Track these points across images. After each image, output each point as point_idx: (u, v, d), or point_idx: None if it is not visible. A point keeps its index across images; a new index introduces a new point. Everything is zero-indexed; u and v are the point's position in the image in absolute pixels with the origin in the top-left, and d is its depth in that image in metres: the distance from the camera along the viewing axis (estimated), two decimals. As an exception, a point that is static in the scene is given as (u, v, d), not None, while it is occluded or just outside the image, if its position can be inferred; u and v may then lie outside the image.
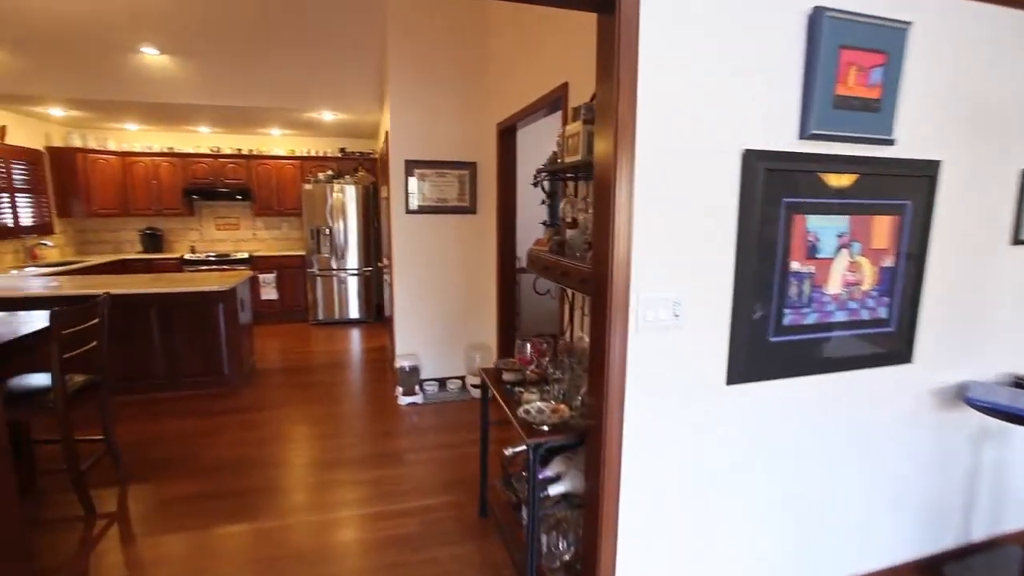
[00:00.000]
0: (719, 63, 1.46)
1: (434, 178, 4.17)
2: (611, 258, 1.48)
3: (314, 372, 4.86)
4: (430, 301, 4.33)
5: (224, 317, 4.20)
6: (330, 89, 4.91)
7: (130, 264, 6.20)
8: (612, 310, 1.50)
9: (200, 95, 4.73)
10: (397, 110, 4.02)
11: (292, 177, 6.81)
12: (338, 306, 6.74)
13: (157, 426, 3.62)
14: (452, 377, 4.45)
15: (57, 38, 3.95)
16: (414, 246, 4.22)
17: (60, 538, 2.43)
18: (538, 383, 2.16)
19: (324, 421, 3.76)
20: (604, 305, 1.52)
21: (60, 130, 6.01)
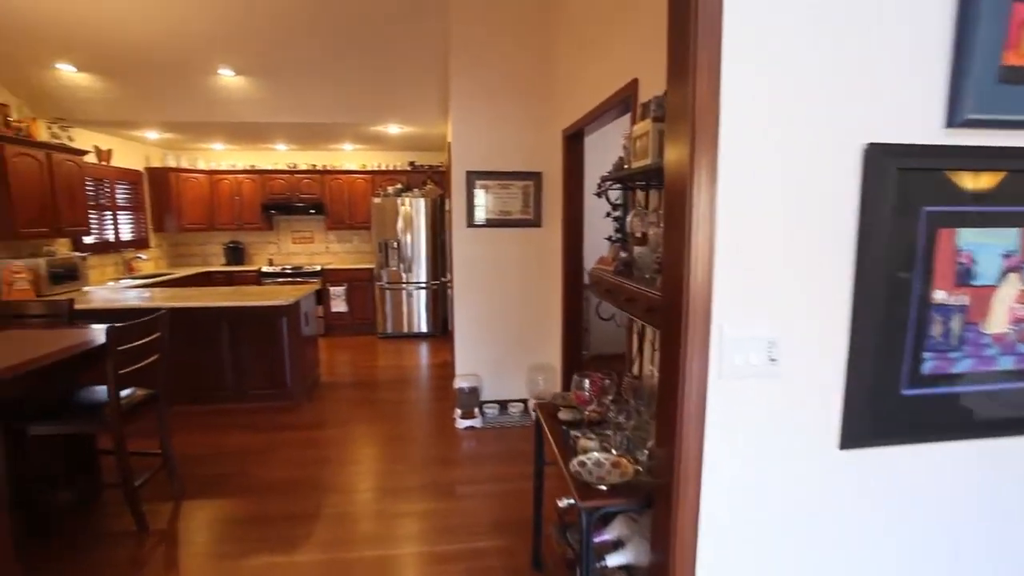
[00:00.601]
0: (828, 30, 1.11)
1: (497, 190, 3.97)
2: (686, 285, 1.17)
3: (376, 388, 4.79)
4: (492, 319, 4.12)
5: (287, 331, 4.22)
6: (395, 102, 4.88)
7: (213, 276, 6.52)
8: (687, 351, 1.18)
9: (274, 113, 4.86)
10: (459, 119, 3.87)
11: (363, 191, 6.91)
12: (406, 320, 6.72)
13: (218, 439, 3.65)
14: (514, 400, 4.20)
15: (146, 66, 4.18)
16: (476, 261, 4.03)
17: (111, 554, 2.42)
18: (599, 424, 1.86)
19: (379, 443, 3.63)
20: (676, 344, 1.20)
21: (157, 151, 6.47)
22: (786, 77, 1.12)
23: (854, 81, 1.14)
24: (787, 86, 1.12)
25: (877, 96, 1.15)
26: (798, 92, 1.13)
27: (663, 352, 1.28)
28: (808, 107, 1.13)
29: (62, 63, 4.08)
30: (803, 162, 1.15)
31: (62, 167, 4.44)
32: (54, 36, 3.77)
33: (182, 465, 3.17)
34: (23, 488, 2.46)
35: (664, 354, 1.28)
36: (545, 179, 3.96)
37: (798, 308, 1.20)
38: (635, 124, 1.79)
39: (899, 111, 1.16)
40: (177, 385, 4.12)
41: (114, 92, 4.48)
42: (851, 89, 1.14)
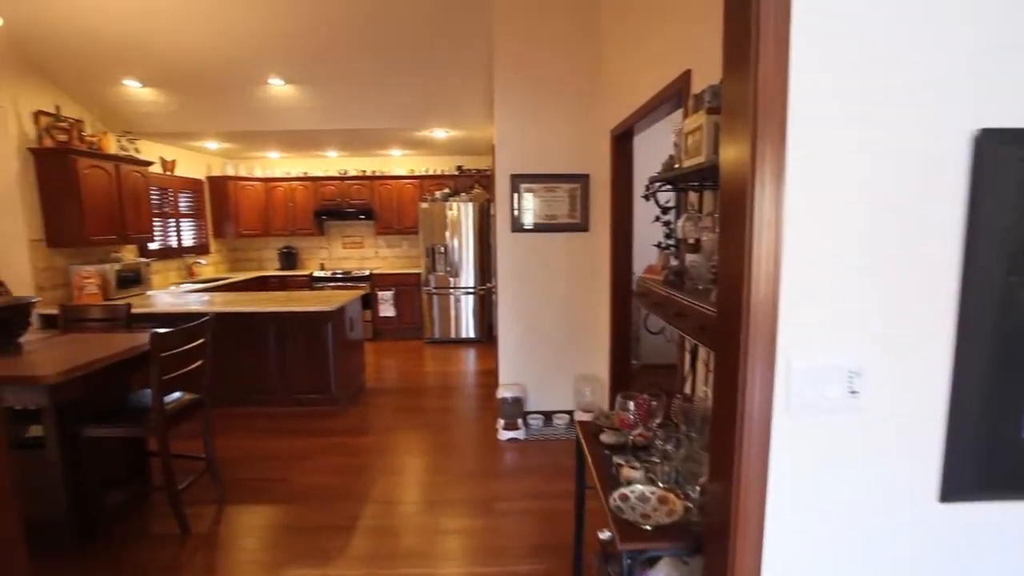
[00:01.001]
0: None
1: (542, 193, 3.83)
2: (746, 301, 0.99)
3: (420, 394, 4.75)
4: (537, 327, 3.97)
5: (332, 337, 4.24)
6: (441, 105, 4.84)
7: (268, 281, 6.72)
8: (746, 379, 1.00)
9: (322, 120, 4.93)
10: (502, 121, 3.76)
11: (411, 196, 6.94)
12: (453, 325, 6.68)
13: (262, 443, 3.68)
14: (559, 411, 4.03)
15: (202, 79, 4.33)
16: (520, 267, 3.91)
17: (153, 556, 2.44)
18: (645, 449, 1.68)
19: (419, 452, 3.56)
20: (734, 371, 1.02)
21: (217, 161, 6.74)
22: (872, 52, 0.93)
23: (961, 50, 0.92)
24: (874, 64, 0.93)
25: (993, 69, 0.93)
26: (889, 70, 0.93)
27: (718, 379, 1.10)
28: (902, 87, 0.93)
29: (128, 79, 4.28)
30: (893, 154, 0.95)
31: (129, 178, 4.66)
32: (121, 54, 3.96)
33: (226, 468, 3.22)
34: (78, 489, 2.53)
35: (719, 382, 1.10)
36: (592, 181, 3.79)
37: (886, 330, 0.99)
38: (687, 118, 1.60)
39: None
40: (226, 387, 4.24)
41: (175, 105, 4.68)
42: (960, 61, 0.93)
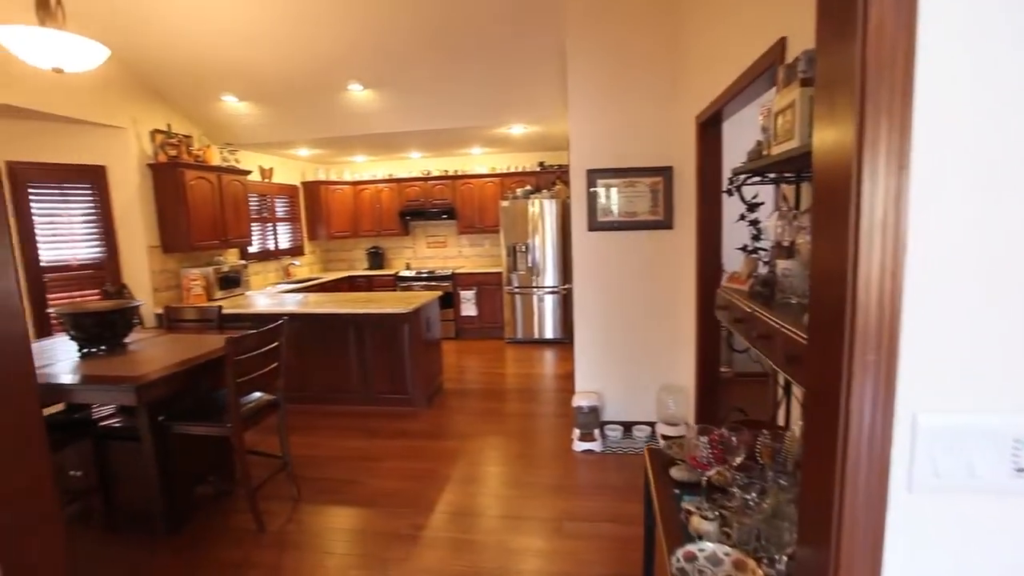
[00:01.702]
0: None
1: (622, 188, 3.56)
2: (849, 331, 0.72)
3: (496, 397, 4.66)
4: (616, 331, 3.71)
5: (409, 338, 4.26)
6: (518, 101, 4.70)
7: (356, 281, 6.99)
8: (849, 439, 0.74)
9: (402, 122, 4.98)
10: (577, 112, 3.54)
11: (493, 194, 6.89)
12: (536, 325, 6.55)
13: (339, 442, 3.76)
14: (640, 423, 3.75)
15: (289, 91, 4.53)
16: (598, 267, 3.67)
17: (229, 551, 2.53)
18: (722, 491, 1.42)
19: (490, 461, 3.45)
20: (830, 426, 0.76)
21: (311, 167, 7.12)
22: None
23: None
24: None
25: None
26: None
27: (809, 432, 0.84)
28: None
29: (226, 95, 4.58)
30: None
31: (230, 186, 5.01)
32: (218, 72, 4.24)
33: (303, 467, 3.31)
34: (169, 481, 2.69)
35: (811, 435, 0.84)
36: (676, 174, 3.46)
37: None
38: (777, 94, 1.31)
39: None
40: (310, 385, 4.42)
41: (267, 116, 4.95)
42: None
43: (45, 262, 4.00)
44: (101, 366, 2.58)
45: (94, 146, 4.17)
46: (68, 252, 4.11)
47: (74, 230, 4.14)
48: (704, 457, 1.34)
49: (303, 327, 4.35)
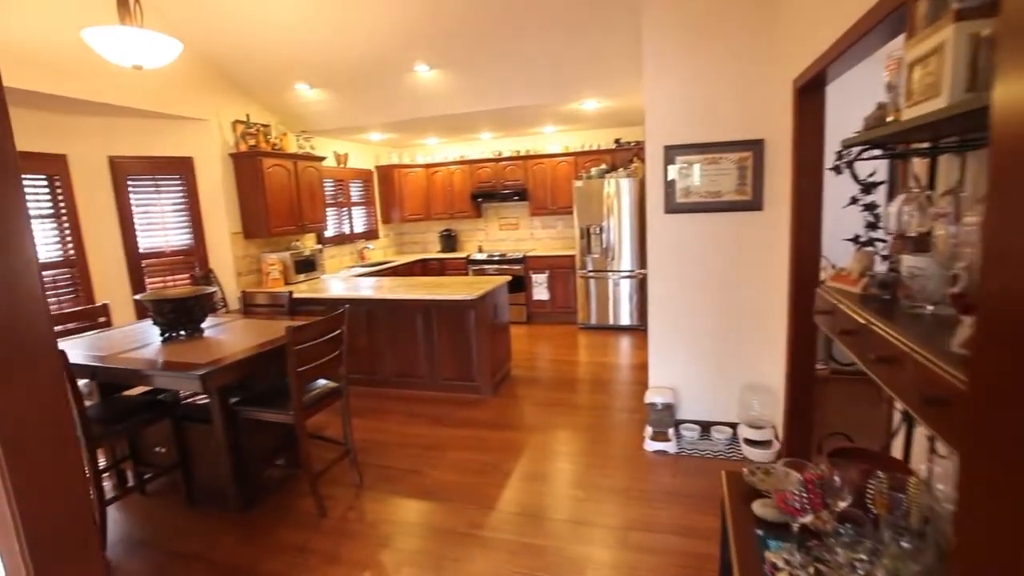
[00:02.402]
0: None
1: (704, 166, 3.20)
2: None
3: (565, 387, 4.48)
4: (695, 323, 3.39)
5: (475, 324, 4.16)
6: (590, 74, 4.39)
7: (428, 264, 7.03)
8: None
9: (470, 102, 4.83)
10: (653, 81, 3.20)
11: (566, 174, 6.61)
12: (610, 311, 6.27)
13: (404, 429, 3.76)
14: (719, 423, 3.43)
15: (358, 76, 4.51)
16: (675, 252, 3.35)
17: (291, 534, 2.57)
18: (816, 536, 1.15)
19: (555, 457, 3.29)
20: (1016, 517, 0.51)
21: (384, 151, 7.19)
22: None
23: None
24: None
25: None
26: None
27: (966, 510, 0.59)
28: None
29: (299, 83, 4.65)
30: None
31: (305, 173, 5.13)
32: (290, 61, 4.29)
33: (368, 452, 3.34)
34: (240, 461, 2.78)
35: (973, 518, 0.58)
36: (768, 148, 3.04)
37: None
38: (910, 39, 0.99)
39: None
40: (377, 369, 4.47)
41: (338, 103, 4.99)
42: None
43: (143, 249, 4.29)
44: (175, 352, 2.68)
45: (182, 138, 4.40)
46: (162, 240, 4.39)
47: (166, 219, 4.41)
48: (797, 501, 1.09)
49: (372, 311, 4.38)
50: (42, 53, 3.29)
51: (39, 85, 3.30)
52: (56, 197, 3.82)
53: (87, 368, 2.54)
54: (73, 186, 3.91)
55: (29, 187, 3.68)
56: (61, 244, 3.85)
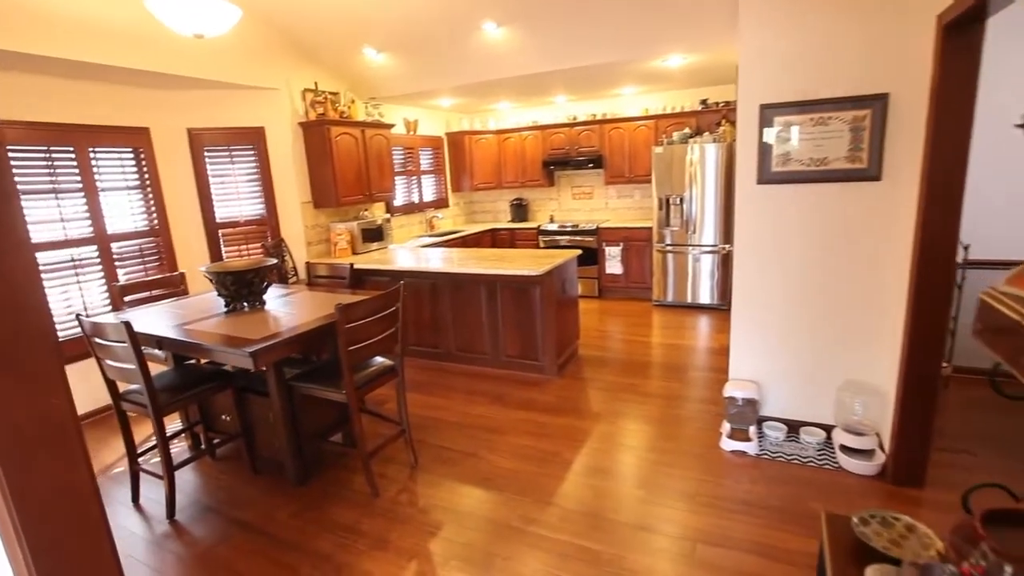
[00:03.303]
0: None
1: (807, 128, 2.72)
2: None
3: (636, 370, 4.18)
4: (787, 309, 2.98)
5: (540, 301, 3.95)
6: (675, 25, 3.89)
7: (497, 234, 6.86)
8: None
9: (543, 61, 4.49)
10: (750, 28, 2.74)
11: (645, 140, 6.12)
12: (689, 288, 5.82)
13: (464, 407, 3.66)
14: (810, 424, 3.03)
15: (424, 37, 4.30)
16: (768, 228, 2.92)
17: (343, 512, 2.55)
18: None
19: (620, 449, 3.05)
20: None
21: (455, 117, 7.00)
22: None
23: None
24: None
25: None
26: None
27: None
28: None
29: (367, 47, 4.52)
30: None
31: (373, 141, 5.06)
32: (356, 24, 4.15)
33: (425, 429, 3.29)
34: (297, 434, 2.79)
35: None
36: (894, 105, 2.51)
37: None
38: None
39: None
40: (441, 342, 4.40)
41: (405, 67, 4.82)
42: None
43: (219, 219, 4.43)
44: (233, 325, 2.69)
45: (254, 109, 4.44)
46: (236, 209, 4.51)
47: (240, 188, 4.51)
48: None
49: (436, 284, 4.29)
50: (121, 29, 3.36)
51: (120, 60, 3.38)
52: (142, 169, 3.99)
53: (152, 338, 2.60)
54: (156, 158, 4.07)
55: (118, 159, 3.86)
56: (147, 214, 4.04)
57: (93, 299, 3.72)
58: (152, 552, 2.41)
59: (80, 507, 1.14)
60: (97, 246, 3.73)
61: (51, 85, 3.48)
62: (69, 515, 1.12)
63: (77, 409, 3.27)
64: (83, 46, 3.20)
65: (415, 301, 4.42)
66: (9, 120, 3.31)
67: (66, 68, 3.32)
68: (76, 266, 3.63)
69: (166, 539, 2.49)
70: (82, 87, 3.64)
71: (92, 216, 3.69)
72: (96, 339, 2.50)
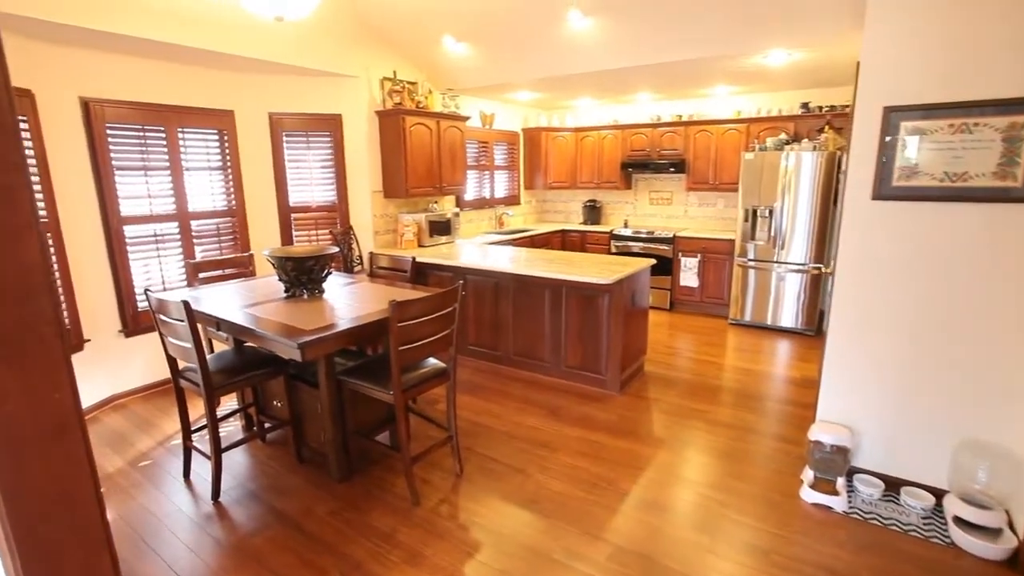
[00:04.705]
0: None
1: (944, 136, 2.30)
2: None
3: (706, 395, 3.83)
4: (898, 344, 2.56)
5: (608, 312, 3.69)
6: (781, 15, 3.49)
7: (568, 235, 6.62)
8: None
9: (629, 56, 4.21)
10: (878, 18, 2.34)
11: (734, 144, 5.66)
12: (770, 308, 5.33)
13: (517, 416, 3.47)
14: (915, 484, 2.59)
15: (505, 26, 4.14)
16: (882, 251, 2.52)
17: (381, 518, 2.44)
18: None
19: (683, 484, 2.75)
20: None
21: (533, 112, 6.81)
22: None
23: None
24: None
25: None
26: None
27: None
28: None
29: (446, 36, 4.42)
30: None
31: (447, 133, 4.98)
32: (440, 12, 4.06)
33: (474, 436, 3.15)
34: (343, 429, 2.72)
35: None
36: (1067, 110, 2.05)
37: None
38: None
39: None
40: (500, 344, 4.24)
41: (484, 58, 4.68)
42: None
43: (292, 203, 4.50)
44: (289, 312, 2.65)
45: (333, 95, 4.47)
46: (308, 195, 4.56)
47: (313, 174, 4.56)
48: None
49: (500, 283, 4.13)
50: (210, 14, 3.44)
51: (210, 43, 3.46)
52: (224, 150, 4.11)
53: (212, 318, 2.61)
54: (238, 140, 4.17)
55: (203, 140, 3.99)
56: (226, 195, 4.16)
57: (171, 274, 3.86)
58: (192, 533, 2.40)
59: (79, 514, 1.04)
60: (178, 223, 3.87)
61: (147, 67, 3.63)
62: (66, 522, 1.02)
63: (151, 378, 3.37)
64: (176, 29, 3.30)
65: (476, 300, 4.29)
66: (112, 99, 3.48)
67: (160, 50, 3.45)
68: (158, 241, 3.78)
69: (208, 521, 2.48)
70: (174, 69, 3.78)
71: (176, 194, 3.83)
72: (160, 315, 2.53)
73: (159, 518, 2.50)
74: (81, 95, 3.37)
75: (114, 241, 3.56)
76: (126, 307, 3.66)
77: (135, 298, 3.69)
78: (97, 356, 3.57)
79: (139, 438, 3.27)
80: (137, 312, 3.72)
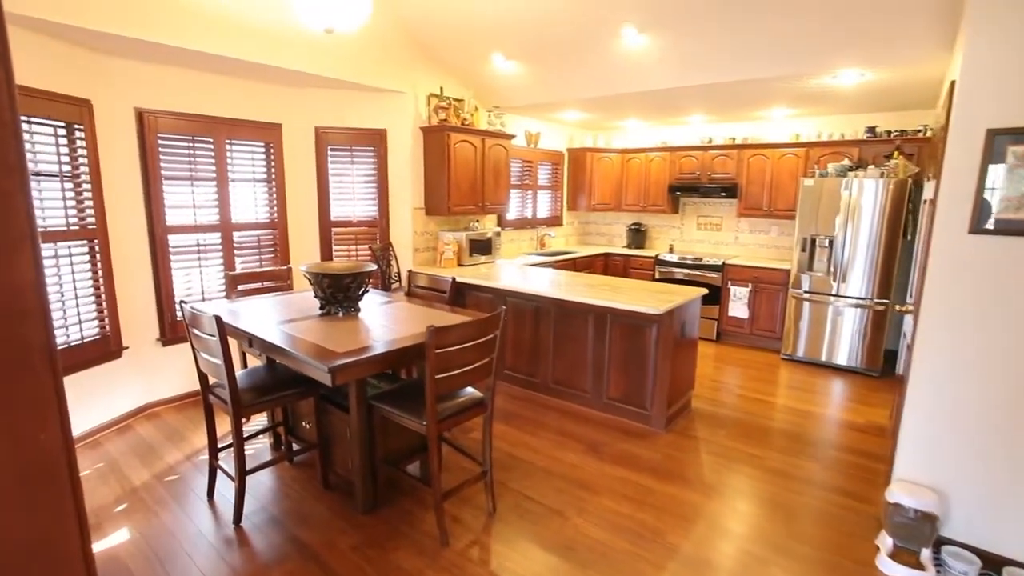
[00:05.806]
0: None
1: (1056, 164, 2.01)
2: None
3: (759, 437, 3.52)
4: (997, 398, 2.24)
5: (655, 343, 3.45)
6: (854, 31, 3.24)
7: (611, 259, 6.40)
8: None
9: (685, 75, 4.03)
10: (980, 32, 2.09)
11: (792, 170, 5.36)
12: (826, 344, 4.97)
13: (555, 452, 3.25)
14: (1020, 565, 2.23)
15: (555, 44, 4.03)
16: (980, 290, 2.22)
17: (408, 560, 2.25)
18: None
19: (738, 540, 2.47)
20: None
21: (579, 132, 6.68)
22: None
23: None
24: None
25: None
26: None
27: None
28: None
29: (496, 54, 4.34)
30: None
31: (492, 151, 4.88)
32: (487, 29, 3.98)
33: (508, 470, 2.96)
34: (371, 457, 2.56)
35: None
36: None
37: None
38: None
39: None
40: (538, 371, 4.05)
41: (534, 76, 4.58)
42: None
43: (334, 218, 4.47)
44: (322, 331, 2.53)
45: (379, 111, 4.44)
46: (350, 209, 4.52)
47: (355, 189, 4.52)
48: None
49: (540, 307, 3.95)
50: (260, 27, 3.45)
51: (259, 56, 3.47)
52: (270, 163, 4.11)
53: (245, 334, 2.52)
54: (284, 153, 4.17)
55: (250, 152, 3.99)
56: (268, 207, 4.15)
57: (210, 284, 3.85)
58: (210, 559, 2.27)
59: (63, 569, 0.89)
60: (220, 233, 3.86)
61: (199, 79, 3.67)
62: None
63: (185, 387, 3.30)
64: (229, 42, 3.31)
65: (515, 323, 4.12)
66: (165, 110, 3.52)
67: (212, 63, 3.47)
68: (200, 251, 3.78)
69: (227, 547, 2.35)
70: (225, 81, 3.81)
71: (220, 205, 3.83)
72: (193, 329, 2.45)
73: (179, 540, 2.39)
74: (136, 106, 3.41)
75: (158, 250, 3.57)
76: (165, 315, 3.65)
77: (174, 307, 3.68)
78: (134, 364, 3.56)
79: (168, 450, 3.21)
80: (175, 321, 3.70)
